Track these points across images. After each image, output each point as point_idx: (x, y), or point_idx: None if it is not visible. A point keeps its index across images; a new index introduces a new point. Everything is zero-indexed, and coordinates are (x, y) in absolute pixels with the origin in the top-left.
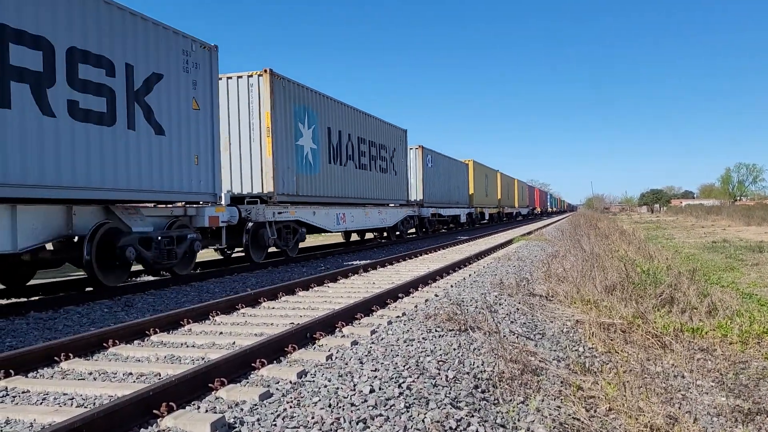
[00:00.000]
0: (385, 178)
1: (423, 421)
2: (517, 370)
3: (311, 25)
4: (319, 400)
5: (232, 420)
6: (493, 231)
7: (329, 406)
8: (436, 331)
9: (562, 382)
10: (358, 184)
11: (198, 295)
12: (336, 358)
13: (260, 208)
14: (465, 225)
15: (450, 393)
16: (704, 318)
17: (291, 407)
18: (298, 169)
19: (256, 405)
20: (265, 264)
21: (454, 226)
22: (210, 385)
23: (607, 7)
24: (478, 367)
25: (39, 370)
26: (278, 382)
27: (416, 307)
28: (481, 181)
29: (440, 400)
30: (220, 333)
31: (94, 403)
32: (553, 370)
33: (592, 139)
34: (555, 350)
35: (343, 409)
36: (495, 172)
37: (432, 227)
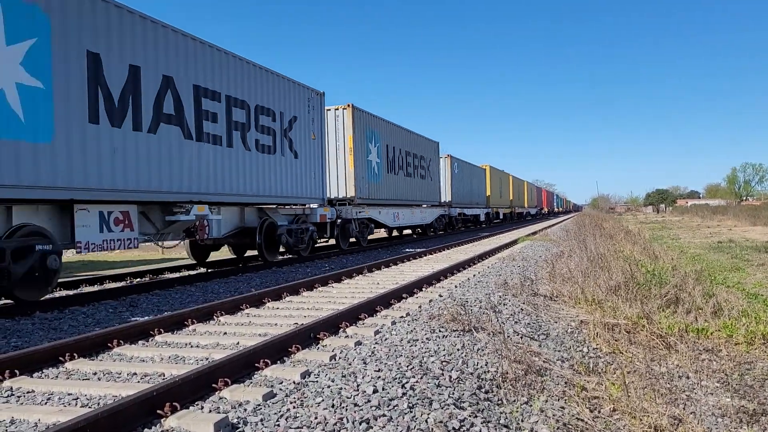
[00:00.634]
0: (424, 183)
1: (426, 421)
2: (521, 371)
3: (311, 25)
4: (323, 401)
5: (236, 420)
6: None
7: (332, 406)
8: (440, 331)
9: (566, 383)
10: (406, 189)
11: (202, 295)
12: (339, 359)
13: (348, 208)
14: (483, 223)
15: (453, 393)
16: (709, 318)
17: (294, 407)
18: (369, 178)
19: (259, 405)
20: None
21: (474, 224)
22: (214, 386)
23: (607, 7)
24: (481, 367)
25: (44, 370)
26: (282, 383)
27: (420, 307)
28: (496, 184)
29: (444, 401)
30: (225, 333)
31: (99, 403)
32: (557, 370)
33: (593, 139)
34: (559, 350)
35: (347, 410)
36: (507, 176)
37: (458, 225)
